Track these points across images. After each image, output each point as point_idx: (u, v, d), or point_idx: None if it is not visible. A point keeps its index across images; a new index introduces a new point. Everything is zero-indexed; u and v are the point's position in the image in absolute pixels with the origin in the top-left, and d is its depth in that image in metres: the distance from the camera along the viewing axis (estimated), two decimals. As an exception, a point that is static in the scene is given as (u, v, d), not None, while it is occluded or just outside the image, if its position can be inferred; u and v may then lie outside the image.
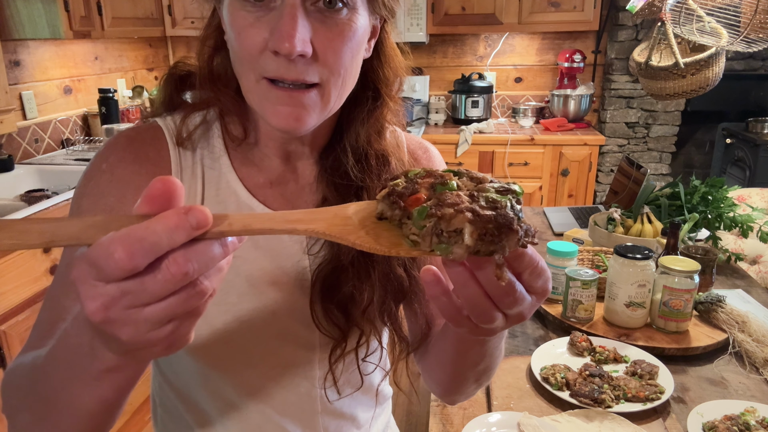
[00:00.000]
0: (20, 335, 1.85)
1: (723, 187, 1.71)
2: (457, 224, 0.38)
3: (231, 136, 0.68)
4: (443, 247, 0.38)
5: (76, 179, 2.48)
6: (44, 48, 2.82)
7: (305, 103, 0.58)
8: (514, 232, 0.38)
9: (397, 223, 0.41)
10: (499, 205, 0.39)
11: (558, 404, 1.06)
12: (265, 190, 0.68)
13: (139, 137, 0.65)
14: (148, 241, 0.33)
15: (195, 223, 0.34)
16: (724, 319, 1.29)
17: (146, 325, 0.35)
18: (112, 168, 0.62)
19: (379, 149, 0.70)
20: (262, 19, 0.55)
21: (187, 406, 0.73)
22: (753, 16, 1.58)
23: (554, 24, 3.45)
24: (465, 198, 0.39)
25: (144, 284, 0.34)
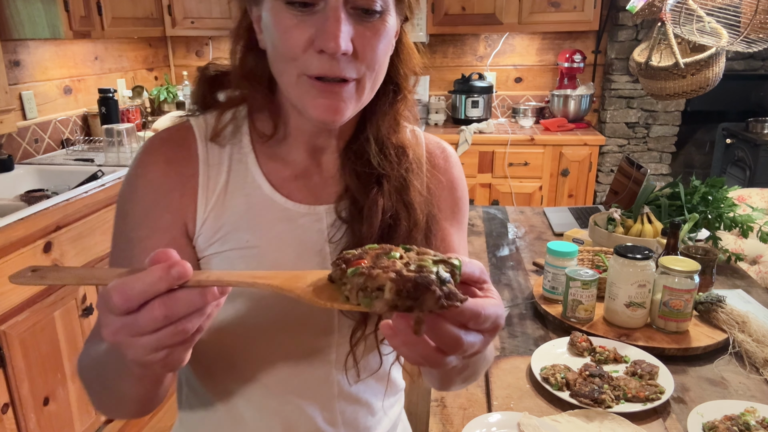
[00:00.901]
0: (20, 335, 1.85)
1: (723, 187, 1.71)
2: (380, 282, 0.44)
3: (258, 132, 0.72)
4: (367, 301, 0.45)
5: (76, 179, 2.47)
6: (44, 48, 2.82)
7: (343, 96, 0.63)
8: (431, 292, 0.43)
9: (339, 283, 0.48)
10: (424, 270, 0.45)
11: (558, 404, 1.06)
12: (290, 183, 0.73)
13: (170, 139, 0.71)
14: (137, 290, 0.43)
15: (176, 275, 0.44)
16: (724, 320, 1.29)
17: (143, 350, 0.45)
18: (145, 172, 0.69)
19: (397, 141, 0.74)
20: (306, 20, 0.60)
21: (211, 385, 0.78)
22: (753, 16, 1.57)
23: (554, 24, 3.45)
24: (399, 264, 0.46)
25: (137, 320, 0.44)
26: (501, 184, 3.46)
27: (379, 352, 0.78)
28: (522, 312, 1.43)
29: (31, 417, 1.91)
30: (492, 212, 2.24)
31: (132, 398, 0.61)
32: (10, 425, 1.84)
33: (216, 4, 3.54)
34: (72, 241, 2.08)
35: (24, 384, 1.87)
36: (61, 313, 2.05)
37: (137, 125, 3.21)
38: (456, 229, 0.82)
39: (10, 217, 1.83)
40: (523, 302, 1.47)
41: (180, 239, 0.69)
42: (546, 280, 1.43)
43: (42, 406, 1.96)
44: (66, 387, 2.09)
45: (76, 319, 2.14)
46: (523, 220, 2.16)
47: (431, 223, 0.75)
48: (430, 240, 0.74)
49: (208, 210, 0.70)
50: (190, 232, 0.70)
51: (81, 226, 2.13)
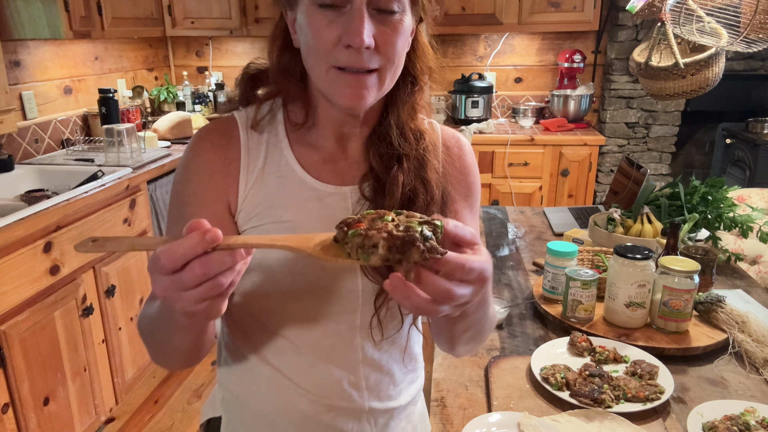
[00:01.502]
0: (20, 335, 1.85)
1: (723, 187, 1.71)
2: (375, 240, 0.54)
3: (292, 121, 0.83)
4: (365, 256, 0.55)
5: (76, 179, 2.48)
6: (44, 48, 2.82)
7: (367, 84, 0.73)
8: (416, 247, 0.54)
9: (342, 242, 0.57)
10: (411, 230, 0.55)
11: (558, 404, 1.06)
12: (319, 166, 0.83)
13: (216, 128, 0.82)
14: (180, 253, 0.53)
15: (210, 239, 0.53)
16: (724, 320, 1.29)
17: (188, 302, 0.55)
18: (195, 157, 0.81)
19: (414, 126, 0.84)
20: (335, 21, 0.71)
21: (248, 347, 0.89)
22: (753, 17, 1.58)
23: (554, 24, 3.45)
24: (390, 226, 0.56)
25: (181, 278, 0.54)
26: (501, 184, 3.46)
27: (399, 311, 0.87)
28: (522, 312, 1.43)
29: (31, 417, 1.91)
30: (492, 212, 2.24)
31: (181, 348, 0.74)
32: (10, 425, 1.84)
33: (216, 4, 3.54)
34: (72, 241, 2.08)
35: (24, 384, 1.87)
36: (61, 313, 2.05)
37: (137, 125, 3.21)
38: (468, 210, 0.91)
39: (10, 217, 1.83)
40: (523, 302, 1.47)
41: (223, 215, 0.80)
42: (546, 280, 1.43)
43: (42, 406, 1.96)
44: (66, 387, 2.09)
45: (76, 319, 2.14)
46: (523, 220, 2.16)
47: (446, 200, 0.84)
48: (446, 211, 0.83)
49: (247, 189, 0.80)
50: (233, 208, 0.81)
51: (81, 226, 2.13)
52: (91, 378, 2.24)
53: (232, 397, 0.94)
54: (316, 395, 0.87)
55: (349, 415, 0.89)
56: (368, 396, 0.90)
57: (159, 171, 2.66)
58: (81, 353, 2.17)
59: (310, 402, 0.87)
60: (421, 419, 1.05)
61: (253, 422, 0.91)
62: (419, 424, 1.04)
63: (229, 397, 0.94)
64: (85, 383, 2.20)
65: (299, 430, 0.88)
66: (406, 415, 0.98)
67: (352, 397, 0.88)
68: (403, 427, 0.98)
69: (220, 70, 4.08)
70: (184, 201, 0.80)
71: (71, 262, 2.08)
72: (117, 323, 2.40)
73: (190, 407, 2.58)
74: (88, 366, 2.21)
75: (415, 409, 1.02)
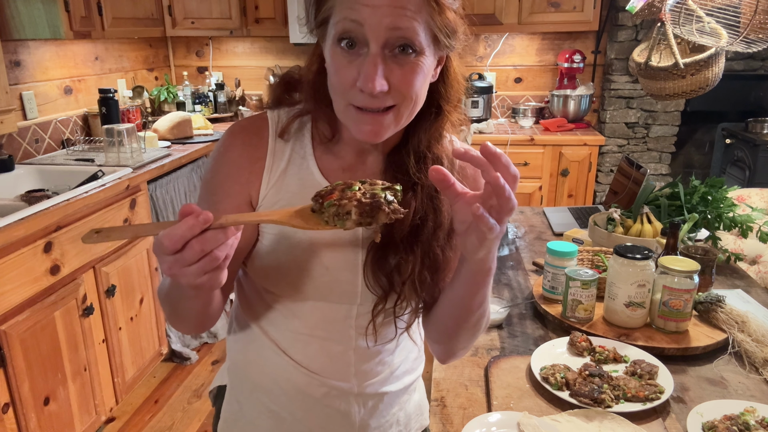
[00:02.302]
0: (20, 335, 1.85)
1: (723, 187, 1.71)
2: (348, 208, 0.65)
3: (320, 134, 0.88)
4: (341, 222, 0.65)
5: (77, 179, 2.48)
6: (45, 48, 2.82)
7: (383, 123, 0.77)
8: (382, 211, 0.65)
9: (319, 212, 0.67)
10: (376, 196, 0.65)
11: (558, 404, 1.06)
12: (338, 174, 0.88)
13: (249, 126, 0.89)
14: (179, 234, 0.61)
15: (203, 220, 0.61)
16: (724, 319, 1.29)
17: (192, 276, 0.63)
18: (225, 151, 0.87)
19: (435, 153, 0.86)
20: (353, 63, 0.74)
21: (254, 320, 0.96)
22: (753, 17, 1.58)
23: (554, 24, 3.45)
24: (359, 194, 0.66)
25: (183, 256, 0.62)
26: (501, 184, 3.45)
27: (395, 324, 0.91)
28: (522, 312, 1.43)
29: (32, 417, 1.91)
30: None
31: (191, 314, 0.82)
32: (10, 425, 1.84)
33: (216, 4, 3.54)
34: (72, 241, 2.08)
35: (24, 384, 1.88)
36: (61, 313, 2.05)
37: (137, 125, 3.21)
38: None
39: (11, 217, 1.83)
40: (523, 302, 1.47)
41: (244, 206, 0.87)
42: (546, 280, 1.44)
43: (42, 405, 1.96)
44: (66, 387, 2.09)
45: (76, 319, 2.14)
46: (523, 220, 2.16)
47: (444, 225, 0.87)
48: (450, 237, 0.86)
49: (269, 187, 0.86)
50: (254, 202, 0.87)
51: (81, 226, 2.13)
52: (92, 378, 2.24)
53: (235, 367, 1.01)
54: (309, 371, 0.93)
55: (340, 393, 0.94)
56: (357, 380, 0.94)
57: (159, 171, 2.66)
58: (81, 353, 2.17)
59: (304, 376, 0.93)
60: (417, 410, 1.06)
61: (250, 390, 0.99)
62: (414, 415, 1.05)
63: (233, 367, 1.02)
64: (85, 383, 2.20)
65: (291, 401, 0.95)
66: (399, 402, 1.01)
67: (341, 378, 0.94)
68: (394, 413, 1.01)
69: (220, 70, 4.08)
70: (212, 189, 0.87)
71: (71, 262, 2.08)
72: (117, 323, 2.40)
73: (190, 407, 2.58)
74: (88, 366, 2.21)
75: (410, 398, 1.04)
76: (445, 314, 0.88)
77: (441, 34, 0.75)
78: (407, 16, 0.71)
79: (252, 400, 0.99)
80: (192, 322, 0.86)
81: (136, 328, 2.55)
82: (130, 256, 2.48)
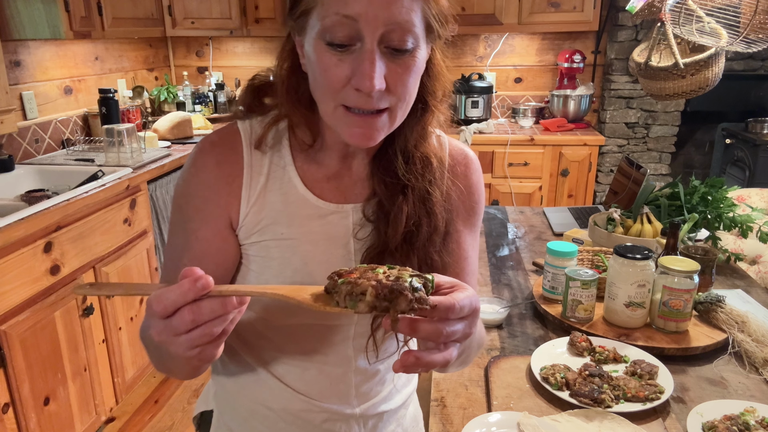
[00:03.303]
0: (20, 335, 1.85)
1: (723, 187, 1.71)
2: (363, 288, 0.56)
3: (299, 141, 0.81)
4: (353, 303, 0.56)
5: (77, 179, 2.47)
6: (45, 48, 2.82)
7: (377, 126, 0.71)
8: (404, 297, 0.54)
9: (333, 291, 0.58)
10: (400, 279, 0.56)
11: (558, 404, 1.06)
12: (322, 184, 0.82)
13: (220, 141, 0.80)
14: (171, 299, 0.55)
15: (201, 287, 0.55)
16: (724, 319, 1.29)
17: (181, 347, 0.56)
18: (198, 172, 0.79)
19: (423, 152, 0.82)
20: (344, 60, 0.67)
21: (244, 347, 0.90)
22: (753, 17, 1.58)
23: (554, 24, 3.45)
24: (381, 276, 0.57)
25: (172, 323, 0.55)
26: (501, 184, 3.46)
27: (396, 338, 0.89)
28: (522, 312, 1.43)
29: (32, 417, 1.91)
30: (492, 212, 2.24)
31: (179, 372, 0.73)
32: (10, 425, 1.84)
33: (216, 4, 3.54)
34: (72, 241, 2.08)
35: (24, 384, 1.88)
36: (61, 313, 2.05)
37: (137, 125, 3.21)
38: (469, 230, 0.91)
39: (11, 217, 1.83)
40: (522, 302, 1.47)
41: (225, 230, 0.80)
42: (546, 280, 1.44)
43: (42, 405, 1.96)
44: (66, 387, 2.09)
45: (77, 319, 2.14)
46: (523, 220, 2.16)
47: (449, 227, 0.83)
48: (446, 241, 0.82)
49: (249, 206, 0.79)
50: (234, 224, 0.80)
51: (81, 226, 2.13)
52: (92, 378, 2.24)
53: (225, 393, 0.96)
54: (308, 397, 0.89)
55: (341, 417, 0.91)
56: (358, 402, 0.92)
57: (159, 171, 2.66)
58: (81, 353, 2.17)
59: (303, 403, 0.89)
60: (413, 422, 1.06)
61: (244, 417, 0.94)
62: (410, 427, 1.04)
63: (221, 392, 0.97)
64: (85, 383, 2.20)
65: (289, 427, 0.91)
66: (396, 418, 0.99)
67: (341, 401, 0.90)
68: (392, 429, 0.99)
69: (220, 70, 4.08)
70: (188, 216, 0.79)
71: (71, 262, 2.08)
72: (117, 323, 2.40)
73: (190, 407, 2.58)
74: (88, 366, 2.21)
75: (406, 412, 1.03)
76: None
77: (436, 23, 0.70)
78: (405, 7, 0.66)
79: (246, 427, 0.94)
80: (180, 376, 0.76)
81: (136, 328, 2.55)
82: (130, 257, 2.48)
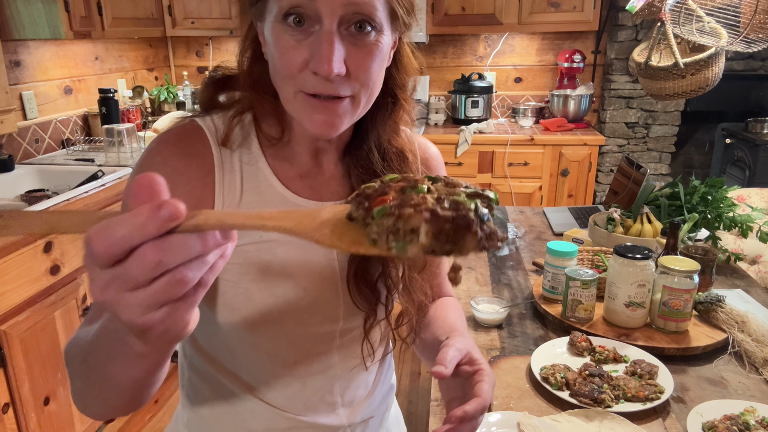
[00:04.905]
0: (20, 335, 1.85)
1: (723, 187, 1.71)
2: (414, 223, 0.39)
3: (266, 136, 0.76)
4: (399, 245, 0.39)
5: (77, 179, 2.47)
6: (44, 48, 2.82)
7: (339, 112, 0.67)
8: (472, 234, 0.39)
9: (362, 223, 0.42)
10: (461, 207, 0.39)
11: (558, 404, 1.06)
12: (297, 182, 0.77)
13: (187, 135, 0.73)
14: (120, 234, 0.36)
15: (167, 215, 0.36)
16: (724, 319, 1.29)
17: (138, 308, 0.38)
18: (165, 160, 0.70)
19: (397, 146, 0.79)
20: (302, 42, 0.63)
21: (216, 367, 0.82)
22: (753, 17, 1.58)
23: (554, 24, 3.45)
24: (430, 200, 0.40)
25: (126, 269, 0.37)
26: (501, 184, 3.46)
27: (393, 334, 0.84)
28: (522, 312, 1.43)
29: (32, 417, 1.91)
30: (492, 212, 2.24)
31: (123, 384, 0.52)
32: (10, 425, 1.84)
33: (216, 4, 3.54)
34: (72, 241, 2.08)
35: (24, 384, 1.88)
36: (61, 313, 2.05)
37: (137, 125, 3.21)
38: None
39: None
40: (523, 302, 1.47)
41: None
42: (546, 280, 1.44)
43: (42, 405, 1.96)
44: (66, 387, 2.09)
45: (77, 319, 2.14)
46: (523, 220, 2.16)
47: None
48: None
49: (224, 206, 0.73)
50: None
51: (81, 226, 2.13)
52: (92, 378, 2.24)
53: (199, 419, 0.87)
54: (293, 414, 0.83)
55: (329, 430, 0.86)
56: (345, 411, 0.87)
57: (159, 171, 2.65)
58: (81, 353, 2.17)
59: (287, 420, 0.83)
60: (396, 422, 1.04)
61: None
62: (393, 427, 1.02)
63: (195, 420, 0.87)
64: (85, 383, 2.20)
65: None
66: (380, 421, 0.96)
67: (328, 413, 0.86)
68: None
69: (220, 70, 4.08)
70: None
71: (71, 262, 2.08)
72: (117, 323, 2.40)
73: (191, 407, 2.58)
74: (88, 366, 2.21)
75: (389, 414, 1.00)
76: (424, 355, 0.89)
77: (401, 9, 0.67)
78: None
79: None
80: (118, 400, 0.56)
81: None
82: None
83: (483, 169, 3.45)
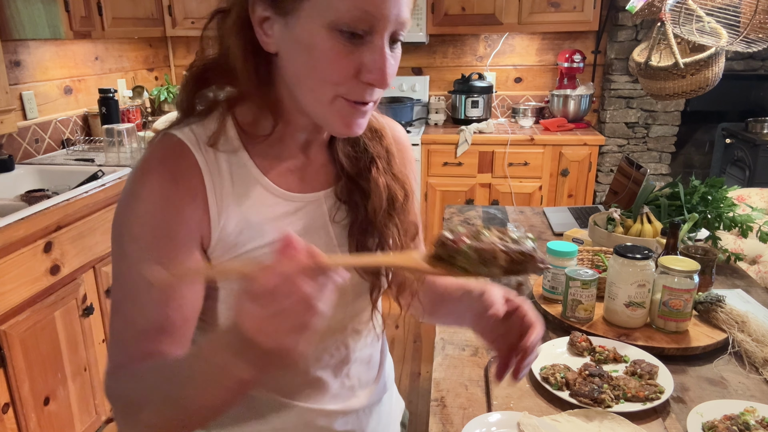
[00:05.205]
0: (20, 335, 1.85)
1: (723, 187, 1.71)
2: (493, 253, 0.58)
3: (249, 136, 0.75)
4: (485, 270, 0.59)
5: (77, 179, 2.47)
6: (44, 48, 2.82)
7: (366, 114, 0.72)
8: (533, 258, 0.59)
9: (447, 258, 0.60)
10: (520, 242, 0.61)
11: (558, 404, 1.06)
12: (287, 176, 0.78)
13: (169, 156, 0.71)
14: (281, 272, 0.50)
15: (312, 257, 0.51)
16: (724, 319, 1.29)
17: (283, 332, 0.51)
18: (152, 191, 0.69)
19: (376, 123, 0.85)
20: (354, 51, 0.66)
21: None
22: (753, 16, 1.58)
23: (554, 24, 3.45)
24: (496, 239, 0.61)
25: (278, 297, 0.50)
26: (501, 184, 3.46)
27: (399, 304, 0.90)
28: (522, 312, 1.43)
29: (32, 417, 1.91)
30: (492, 212, 2.24)
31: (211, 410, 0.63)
32: (10, 425, 1.84)
33: (216, 4, 3.53)
34: (72, 241, 2.08)
35: (24, 384, 1.88)
36: (62, 313, 2.05)
37: (138, 125, 3.21)
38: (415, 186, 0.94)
39: (11, 217, 1.83)
40: (522, 302, 1.47)
41: (197, 254, 0.71)
42: (546, 280, 1.44)
43: (42, 405, 1.96)
44: (66, 387, 2.09)
45: (77, 319, 2.14)
46: (523, 220, 2.16)
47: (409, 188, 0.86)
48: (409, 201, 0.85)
49: (221, 217, 0.72)
50: (206, 243, 0.72)
51: (81, 226, 2.13)
52: (92, 378, 2.24)
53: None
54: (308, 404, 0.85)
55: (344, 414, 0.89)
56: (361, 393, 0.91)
57: (159, 171, 2.65)
58: (81, 353, 2.17)
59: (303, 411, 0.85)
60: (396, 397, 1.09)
61: None
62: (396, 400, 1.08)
63: None
64: (85, 383, 2.20)
65: None
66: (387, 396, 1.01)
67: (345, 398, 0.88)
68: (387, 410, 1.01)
69: (220, 70, 4.08)
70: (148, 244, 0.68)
71: (71, 262, 2.08)
72: (117, 323, 2.40)
73: (191, 407, 2.57)
74: (88, 366, 2.21)
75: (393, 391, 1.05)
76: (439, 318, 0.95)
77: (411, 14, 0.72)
78: (408, 5, 0.67)
79: None
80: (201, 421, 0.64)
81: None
82: (130, 256, 2.47)
83: (483, 169, 3.45)
